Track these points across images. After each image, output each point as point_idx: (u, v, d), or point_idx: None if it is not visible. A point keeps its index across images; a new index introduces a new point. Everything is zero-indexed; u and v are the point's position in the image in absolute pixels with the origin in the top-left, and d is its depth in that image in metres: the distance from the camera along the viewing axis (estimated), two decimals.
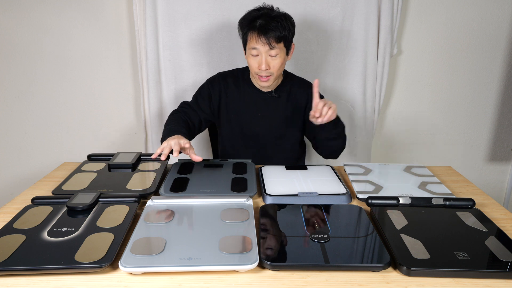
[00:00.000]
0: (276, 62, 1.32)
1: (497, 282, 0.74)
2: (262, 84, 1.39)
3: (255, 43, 1.30)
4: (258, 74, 1.35)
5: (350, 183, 1.19)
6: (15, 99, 1.94)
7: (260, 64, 1.32)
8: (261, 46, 1.29)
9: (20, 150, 2.02)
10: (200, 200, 1.02)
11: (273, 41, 1.28)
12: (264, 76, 1.35)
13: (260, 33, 1.28)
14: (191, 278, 0.75)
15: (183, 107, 1.49)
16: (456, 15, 1.85)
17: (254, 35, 1.30)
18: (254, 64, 1.34)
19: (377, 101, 1.90)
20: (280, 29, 1.27)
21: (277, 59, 1.32)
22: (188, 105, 1.49)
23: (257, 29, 1.28)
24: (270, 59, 1.32)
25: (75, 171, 1.24)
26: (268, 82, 1.37)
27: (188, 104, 1.50)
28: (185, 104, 1.50)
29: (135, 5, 1.73)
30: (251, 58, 1.34)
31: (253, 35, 1.30)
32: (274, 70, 1.33)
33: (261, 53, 1.31)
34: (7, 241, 0.82)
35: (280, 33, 1.28)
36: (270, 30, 1.27)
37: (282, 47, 1.31)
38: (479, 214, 0.98)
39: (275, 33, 1.27)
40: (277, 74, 1.36)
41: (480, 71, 1.95)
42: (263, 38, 1.28)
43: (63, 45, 1.86)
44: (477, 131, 2.06)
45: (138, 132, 2.01)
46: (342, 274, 0.76)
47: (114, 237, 0.83)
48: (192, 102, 1.50)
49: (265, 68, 1.32)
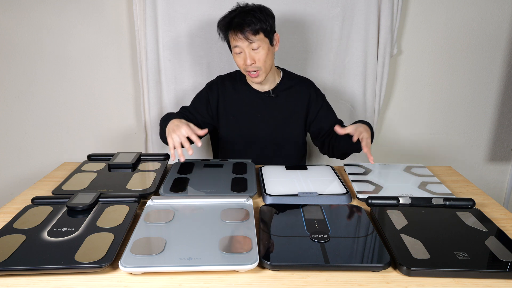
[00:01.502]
0: (260, 55, 1.32)
1: (497, 282, 0.74)
2: (254, 80, 1.39)
3: (235, 41, 1.32)
4: (246, 70, 1.36)
5: (350, 183, 1.19)
6: (15, 99, 1.94)
7: (245, 60, 1.33)
8: (240, 42, 1.31)
9: (20, 150, 2.02)
10: (200, 200, 1.02)
11: (250, 35, 1.29)
12: (252, 72, 1.35)
13: (237, 30, 1.30)
14: (191, 278, 0.75)
15: (181, 112, 1.50)
16: (456, 15, 1.85)
17: (232, 34, 1.32)
18: (240, 62, 1.36)
19: (377, 101, 1.90)
20: (254, 21, 1.29)
21: (260, 51, 1.32)
22: (187, 109, 1.50)
23: (233, 27, 1.31)
24: (254, 53, 1.32)
25: (75, 171, 1.24)
26: (259, 77, 1.37)
27: (186, 108, 1.51)
28: (183, 108, 1.51)
29: (135, 5, 1.73)
30: (236, 57, 1.36)
31: (231, 34, 1.32)
32: (260, 64, 1.34)
33: (243, 49, 1.32)
34: (7, 241, 0.82)
35: (255, 25, 1.29)
36: (245, 25, 1.29)
37: (262, 38, 1.32)
38: (479, 214, 0.98)
39: (250, 27, 1.29)
40: (266, 67, 1.36)
41: (480, 71, 1.95)
42: (240, 34, 1.30)
43: (63, 45, 1.86)
44: (477, 131, 2.06)
45: (138, 132, 2.01)
46: (342, 274, 0.76)
47: (114, 237, 0.83)
48: (190, 106, 1.51)
49: (250, 63, 1.33)
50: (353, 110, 1.91)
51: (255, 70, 1.35)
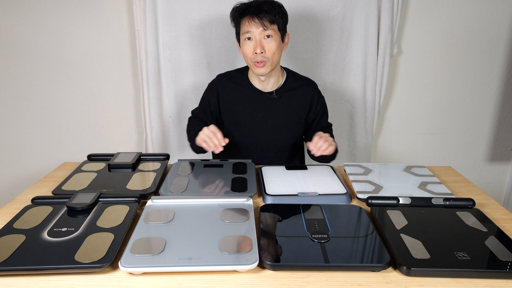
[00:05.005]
0: (271, 45, 1.30)
1: (497, 282, 0.74)
2: (259, 71, 1.34)
3: (248, 26, 1.30)
4: (254, 60, 1.32)
5: (350, 183, 1.19)
6: (15, 99, 1.94)
7: (255, 47, 1.30)
8: (254, 28, 1.29)
9: (20, 150, 2.02)
10: (200, 200, 1.02)
11: (266, 22, 1.28)
12: (259, 62, 1.32)
13: (253, 15, 1.29)
14: (191, 278, 0.75)
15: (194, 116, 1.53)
16: (456, 15, 1.85)
17: (247, 19, 1.30)
18: (248, 50, 1.32)
19: (377, 101, 1.90)
20: (273, 11, 1.29)
21: (272, 41, 1.30)
22: (196, 113, 1.53)
23: (250, 13, 1.29)
24: (265, 42, 1.30)
25: (75, 171, 1.24)
26: (264, 68, 1.33)
27: (195, 112, 1.54)
28: (193, 112, 1.55)
29: (135, 5, 1.73)
30: (245, 44, 1.33)
31: (246, 18, 1.31)
32: (269, 55, 1.31)
33: (255, 36, 1.30)
34: (7, 241, 0.82)
35: (273, 15, 1.29)
36: (263, 11, 1.28)
37: (276, 30, 1.31)
38: (479, 214, 0.98)
39: (268, 14, 1.28)
40: (273, 60, 1.33)
41: (480, 71, 1.95)
42: (256, 19, 1.28)
43: (63, 45, 1.86)
44: (477, 131, 2.06)
45: (138, 132, 2.01)
46: (342, 274, 0.76)
47: (114, 237, 0.83)
48: (197, 109, 1.53)
49: (260, 51, 1.29)
50: (353, 110, 1.91)
51: (262, 60, 1.31)
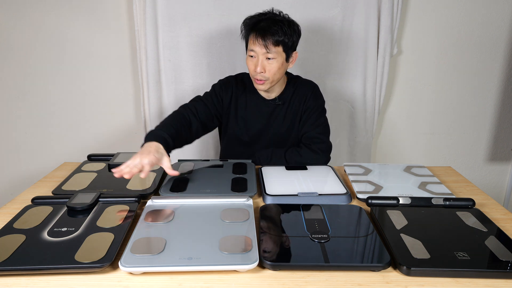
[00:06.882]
0: (272, 67, 1.31)
1: (497, 282, 0.74)
2: (258, 87, 1.38)
3: (252, 45, 1.30)
4: (254, 76, 1.35)
5: (350, 183, 1.19)
6: (15, 99, 1.94)
7: (255, 66, 1.31)
8: (258, 48, 1.29)
9: (20, 150, 2.02)
10: (200, 200, 1.02)
11: (270, 44, 1.27)
12: (259, 80, 1.34)
13: (258, 35, 1.28)
14: (191, 278, 0.75)
15: (194, 100, 1.43)
16: (456, 15, 1.85)
17: (252, 36, 1.30)
18: (250, 66, 1.34)
19: (377, 101, 1.90)
20: (280, 33, 1.27)
21: (274, 63, 1.30)
22: (200, 98, 1.44)
23: (256, 31, 1.28)
24: (266, 63, 1.31)
25: (75, 171, 1.24)
26: (264, 85, 1.35)
27: (200, 98, 1.44)
28: (197, 97, 1.44)
29: (135, 5, 1.73)
30: (249, 60, 1.34)
31: (252, 36, 1.30)
32: (269, 75, 1.32)
33: (258, 55, 1.30)
34: (7, 241, 0.82)
35: (279, 37, 1.27)
36: (269, 33, 1.27)
37: (280, 51, 1.30)
38: (479, 214, 0.98)
39: (273, 36, 1.27)
40: (273, 79, 1.34)
41: (480, 71, 1.95)
42: (260, 40, 1.28)
43: (63, 45, 1.86)
44: (477, 131, 2.06)
45: (138, 132, 2.01)
46: (342, 274, 0.76)
47: (114, 237, 0.83)
48: (204, 96, 1.45)
49: (260, 71, 1.31)
50: (353, 110, 1.91)
51: (261, 79, 1.33)
